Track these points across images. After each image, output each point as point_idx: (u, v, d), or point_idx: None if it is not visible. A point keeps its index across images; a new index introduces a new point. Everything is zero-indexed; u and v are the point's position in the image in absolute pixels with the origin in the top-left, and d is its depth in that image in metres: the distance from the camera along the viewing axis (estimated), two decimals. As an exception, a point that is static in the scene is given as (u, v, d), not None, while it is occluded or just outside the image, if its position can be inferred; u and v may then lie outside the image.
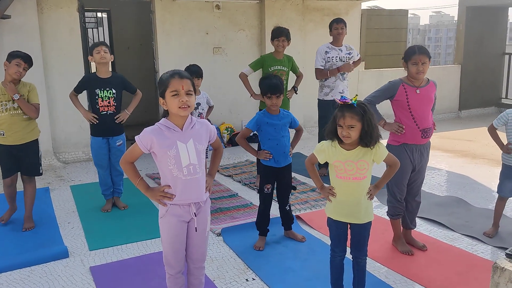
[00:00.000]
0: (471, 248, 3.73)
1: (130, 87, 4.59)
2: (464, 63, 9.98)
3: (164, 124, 2.43)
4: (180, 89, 2.35)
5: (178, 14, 7.07)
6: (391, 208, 3.65)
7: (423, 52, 3.38)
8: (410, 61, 3.40)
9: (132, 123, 5.98)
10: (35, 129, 4.19)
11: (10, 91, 3.93)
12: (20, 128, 4.04)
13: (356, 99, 2.61)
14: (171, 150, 2.39)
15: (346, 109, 2.60)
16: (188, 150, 2.43)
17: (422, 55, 3.37)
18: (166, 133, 2.41)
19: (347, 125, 2.58)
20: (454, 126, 9.00)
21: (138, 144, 2.42)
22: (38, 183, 5.26)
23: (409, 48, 3.47)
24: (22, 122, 4.05)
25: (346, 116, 2.58)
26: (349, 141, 2.63)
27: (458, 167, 6.06)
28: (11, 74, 3.95)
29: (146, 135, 2.41)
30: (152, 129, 2.43)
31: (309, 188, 5.21)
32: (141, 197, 4.83)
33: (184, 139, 2.43)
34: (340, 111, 2.63)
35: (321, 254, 3.59)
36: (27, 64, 4.02)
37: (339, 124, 2.62)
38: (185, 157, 2.42)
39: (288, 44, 5.25)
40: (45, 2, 6.18)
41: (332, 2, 8.12)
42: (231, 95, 7.52)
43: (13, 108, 4.00)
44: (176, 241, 2.52)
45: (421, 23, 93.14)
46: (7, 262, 3.51)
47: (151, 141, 2.40)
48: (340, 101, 2.63)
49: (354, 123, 2.58)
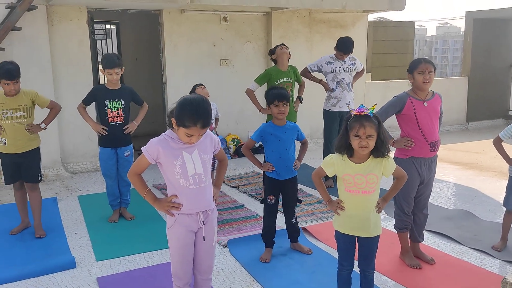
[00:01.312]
0: (480, 262, 3.69)
1: (138, 99, 4.63)
2: (471, 75, 9.97)
3: (170, 136, 2.46)
4: (196, 135, 2.38)
5: (185, 26, 7.14)
6: (399, 221, 3.63)
7: (428, 62, 3.42)
8: (416, 71, 3.39)
9: (139, 134, 6.02)
10: (37, 138, 4.23)
11: (36, 129, 4.11)
12: (22, 136, 4.08)
13: (374, 108, 2.63)
14: (177, 160, 2.43)
15: (365, 120, 2.58)
16: (194, 160, 2.46)
17: (428, 64, 3.39)
18: (171, 144, 2.44)
19: (367, 135, 2.58)
20: (461, 138, 8.96)
21: (145, 154, 2.45)
22: (46, 193, 5.31)
23: (414, 60, 3.50)
24: (25, 130, 4.08)
25: (366, 126, 2.57)
26: (367, 151, 2.63)
27: (466, 180, 6.03)
28: (7, 93, 4.00)
29: (153, 146, 2.44)
30: (158, 139, 2.46)
31: (316, 200, 5.19)
32: (148, 207, 4.87)
33: (189, 150, 2.46)
34: (358, 122, 2.59)
35: (328, 267, 3.57)
36: (15, 80, 3.97)
37: (356, 135, 2.59)
38: (191, 166, 2.45)
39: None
40: (55, 14, 6.27)
41: (338, 14, 8.17)
42: (237, 106, 7.55)
43: (16, 117, 4.04)
44: (185, 252, 2.53)
45: (428, 34, 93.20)
46: (15, 272, 3.52)
47: (157, 152, 2.43)
48: (357, 111, 2.62)
49: (372, 133, 2.59)
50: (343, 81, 5.53)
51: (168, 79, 7.10)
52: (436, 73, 3.46)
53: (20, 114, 4.05)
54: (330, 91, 5.57)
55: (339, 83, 5.53)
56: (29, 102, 4.11)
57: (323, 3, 7.19)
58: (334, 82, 5.54)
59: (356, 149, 2.64)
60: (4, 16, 5.71)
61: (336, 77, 5.52)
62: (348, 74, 5.58)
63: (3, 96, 4.02)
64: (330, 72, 5.55)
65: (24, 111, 4.07)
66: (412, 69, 3.43)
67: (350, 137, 2.63)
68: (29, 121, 4.11)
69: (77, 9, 6.35)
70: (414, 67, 3.42)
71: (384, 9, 8.05)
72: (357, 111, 2.62)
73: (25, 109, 4.07)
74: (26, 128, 4.07)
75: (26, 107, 4.08)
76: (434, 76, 3.42)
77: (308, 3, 7.14)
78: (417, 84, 3.42)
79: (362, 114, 2.60)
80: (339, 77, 5.52)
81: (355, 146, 2.63)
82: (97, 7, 6.50)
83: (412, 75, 3.43)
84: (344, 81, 5.53)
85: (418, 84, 3.41)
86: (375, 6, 7.82)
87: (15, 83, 3.98)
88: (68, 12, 6.32)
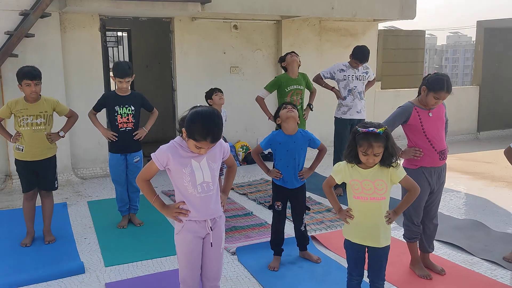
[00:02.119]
0: (491, 273, 3.64)
1: (148, 105, 4.66)
2: (482, 84, 9.91)
3: (179, 143, 2.47)
4: (205, 148, 2.38)
5: (196, 34, 7.19)
6: (408, 231, 3.60)
7: (450, 91, 3.31)
8: (434, 94, 3.30)
9: (149, 140, 6.05)
10: (54, 146, 4.23)
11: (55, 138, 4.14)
12: (40, 144, 4.08)
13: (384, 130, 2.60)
14: (186, 168, 2.44)
15: (373, 139, 2.57)
16: (202, 169, 2.47)
17: (448, 94, 3.31)
18: (181, 152, 2.45)
19: (374, 153, 2.59)
20: (472, 147, 8.88)
21: (154, 161, 2.46)
22: (56, 198, 5.33)
23: (438, 80, 3.31)
24: (43, 138, 4.09)
25: (374, 146, 2.58)
26: (373, 165, 2.66)
27: (477, 190, 5.97)
28: (28, 96, 4.00)
29: (162, 152, 2.45)
30: (168, 146, 2.47)
31: (325, 208, 5.17)
32: (156, 214, 4.85)
33: (198, 158, 2.47)
34: (366, 141, 2.58)
35: (337, 276, 3.54)
36: (36, 80, 3.97)
37: (364, 153, 2.60)
38: (200, 175, 2.46)
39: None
40: (68, 22, 6.35)
41: (349, 22, 8.17)
42: (247, 114, 7.57)
43: (36, 124, 4.04)
44: (192, 257, 2.53)
45: (438, 44, 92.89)
46: (24, 276, 3.54)
47: (167, 158, 2.44)
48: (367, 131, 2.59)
49: (380, 151, 2.60)
50: (355, 89, 5.52)
51: (179, 86, 7.14)
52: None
53: (40, 121, 4.05)
54: (341, 99, 5.57)
55: (350, 91, 5.52)
56: (50, 110, 4.12)
57: (333, 12, 7.21)
58: (346, 90, 5.54)
59: (364, 162, 2.66)
60: (17, 23, 5.79)
61: (348, 85, 5.51)
62: (361, 83, 5.57)
63: (24, 102, 4.03)
64: (342, 80, 5.54)
65: (45, 118, 4.07)
66: (432, 89, 3.31)
67: (358, 150, 2.64)
68: (47, 129, 4.11)
69: (89, 16, 6.43)
70: (434, 89, 3.29)
71: (394, 18, 8.03)
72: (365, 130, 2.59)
73: (46, 116, 4.08)
74: (47, 137, 4.08)
75: (47, 115, 4.09)
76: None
77: (319, 12, 7.16)
78: (426, 102, 3.38)
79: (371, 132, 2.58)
80: (351, 85, 5.51)
81: (363, 160, 2.65)
82: (109, 14, 6.57)
83: (428, 92, 3.34)
84: (356, 89, 5.52)
85: (427, 102, 3.37)
86: (386, 15, 7.82)
87: (36, 84, 3.97)
88: (81, 19, 6.40)
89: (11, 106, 4.03)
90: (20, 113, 4.01)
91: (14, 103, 4.04)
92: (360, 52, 5.47)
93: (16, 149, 4.09)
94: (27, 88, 3.96)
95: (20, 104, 4.03)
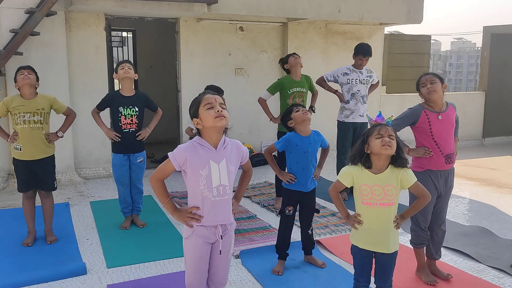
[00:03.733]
0: (498, 281, 3.59)
1: (152, 105, 4.63)
2: (488, 90, 9.85)
3: (198, 142, 2.40)
4: (213, 101, 2.37)
5: (202, 35, 7.16)
6: (415, 236, 3.55)
7: (428, 73, 3.48)
8: (420, 85, 3.45)
9: (152, 141, 6.01)
10: (53, 145, 4.19)
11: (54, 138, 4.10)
12: (38, 142, 4.03)
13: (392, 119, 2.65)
14: (203, 170, 2.37)
15: (383, 125, 2.64)
16: (220, 171, 2.40)
17: (427, 75, 3.45)
18: (200, 151, 2.38)
19: (389, 134, 2.59)
20: (477, 154, 8.82)
21: (171, 160, 2.39)
22: (58, 198, 5.31)
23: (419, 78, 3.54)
24: (41, 136, 4.04)
25: (387, 128, 2.62)
26: (390, 151, 2.58)
27: (482, 196, 5.91)
28: (21, 85, 3.96)
29: (180, 152, 2.38)
30: (186, 146, 2.40)
31: (329, 213, 5.12)
32: (159, 215, 4.84)
33: (218, 159, 2.40)
34: (378, 125, 2.65)
35: (342, 282, 3.49)
36: (29, 69, 4.01)
37: (379, 134, 2.59)
38: (216, 177, 2.39)
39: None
40: (74, 21, 6.33)
41: (355, 26, 8.14)
42: (251, 116, 7.53)
43: (33, 122, 3.98)
44: (201, 263, 2.48)
45: (442, 49, 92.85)
46: (26, 277, 3.50)
47: (184, 158, 2.37)
48: (375, 120, 2.68)
49: (393, 135, 2.61)
50: (358, 93, 5.49)
51: (183, 87, 7.11)
52: (449, 86, 3.42)
53: (38, 119, 4.00)
54: (344, 102, 5.53)
55: (353, 95, 5.49)
56: (47, 107, 4.08)
57: (340, 15, 7.18)
58: (349, 93, 5.51)
59: (378, 151, 2.58)
60: (23, 21, 5.77)
61: (351, 88, 5.49)
62: (364, 86, 5.55)
63: (20, 99, 3.99)
64: (346, 83, 5.51)
65: (42, 116, 4.03)
66: (417, 86, 3.49)
67: (372, 140, 2.60)
68: (45, 127, 4.06)
69: (95, 16, 6.41)
70: (418, 84, 3.48)
71: (401, 22, 7.99)
72: (374, 120, 2.67)
73: (43, 114, 4.04)
74: (45, 137, 4.05)
75: (44, 112, 4.04)
76: (440, 86, 3.39)
77: (325, 15, 7.13)
78: (426, 97, 3.43)
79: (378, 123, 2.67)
80: (354, 89, 5.48)
81: (377, 147, 2.57)
82: (114, 14, 6.55)
83: (419, 91, 3.48)
84: (359, 93, 5.49)
85: (425, 97, 3.43)
86: (393, 19, 7.78)
87: (29, 73, 3.96)
88: (86, 18, 6.38)
89: (7, 103, 3.99)
90: (17, 110, 3.95)
91: (10, 100, 4.00)
92: (362, 47, 5.49)
93: (14, 148, 4.04)
94: (20, 77, 3.95)
95: (16, 101, 3.99)
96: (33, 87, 4.02)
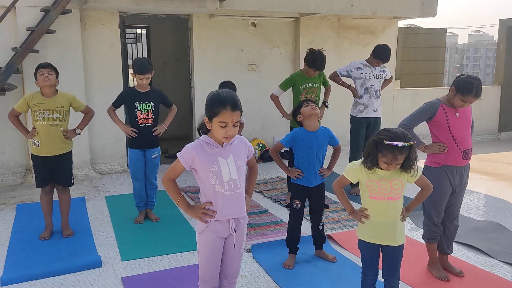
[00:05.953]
0: (510, 276, 3.58)
1: (167, 102, 4.69)
2: (504, 84, 9.70)
3: (205, 141, 2.45)
4: (229, 122, 2.35)
5: (214, 31, 7.20)
6: (428, 231, 3.54)
7: (478, 96, 3.25)
8: (461, 97, 3.25)
9: (166, 137, 6.07)
10: (70, 141, 4.26)
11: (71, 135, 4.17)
12: (56, 139, 4.10)
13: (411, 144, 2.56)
14: (212, 166, 2.41)
15: (399, 152, 2.52)
16: (229, 165, 2.45)
17: (475, 98, 3.26)
18: (207, 149, 2.43)
19: (397, 163, 2.57)
20: (493, 148, 8.72)
21: (180, 160, 2.44)
22: (74, 193, 5.42)
23: (468, 83, 3.25)
24: (59, 133, 4.11)
25: (399, 158, 2.55)
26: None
27: (497, 191, 5.86)
28: (42, 85, 4.03)
29: (188, 151, 2.43)
30: (193, 145, 2.45)
31: (341, 208, 5.13)
32: (172, 210, 4.91)
33: (225, 155, 2.45)
34: (390, 152, 2.53)
35: (352, 276, 3.51)
36: (49, 68, 4.04)
37: (388, 163, 2.57)
38: (226, 172, 2.44)
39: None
40: (88, 18, 6.42)
41: (368, 20, 8.09)
42: (263, 111, 7.55)
43: (52, 119, 4.06)
44: (214, 257, 2.53)
45: (460, 42, 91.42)
46: (42, 269, 3.60)
47: (192, 157, 2.42)
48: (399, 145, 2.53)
49: (402, 161, 2.58)
50: (372, 87, 5.47)
51: (196, 83, 7.17)
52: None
53: (56, 116, 4.07)
54: (357, 97, 5.52)
55: (367, 89, 5.48)
56: (67, 105, 4.15)
57: (352, 9, 7.14)
58: (363, 88, 5.49)
59: (383, 168, 2.63)
60: (39, 19, 5.88)
61: (365, 83, 5.47)
62: (378, 81, 5.52)
63: (41, 96, 4.07)
64: (359, 78, 5.49)
65: (61, 114, 4.10)
66: (459, 91, 3.26)
67: (379, 157, 2.59)
68: (63, 124, 4.14)
69: (109, 13, 6.49)
70: (462, 92, 3.24)
71: (415, 16, 7.92)
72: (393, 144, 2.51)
73: (62, 112, 4.11)
74: (63, 134, 4.12)
75: (63, 110, 4.12)
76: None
77: (338, 9, 7.10)
78: (453, 103, 3.33)
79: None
80: (368, 84, 5.46)
81: (383, 167, 2.62)
82: (128, 11, 6.63)
83: (455, 94, 3.29)
84: (372, 87, 5.47)
85: (454, 103, 3.33)
86: (406, 13, 7.71)
87: (49, 73, 4.01)
88: (101, 16, 6.46)
89: (28, 100, 4.08)
90: (37, 107, 4.04)
91: (30, 97, 4.09)
92: (383, 52, 5.39)
93: (32, 144, 4.14)
94: (40, 77, 4.00)
95: (37, 98, 4.07)
96: (53, 86, 4.11)
